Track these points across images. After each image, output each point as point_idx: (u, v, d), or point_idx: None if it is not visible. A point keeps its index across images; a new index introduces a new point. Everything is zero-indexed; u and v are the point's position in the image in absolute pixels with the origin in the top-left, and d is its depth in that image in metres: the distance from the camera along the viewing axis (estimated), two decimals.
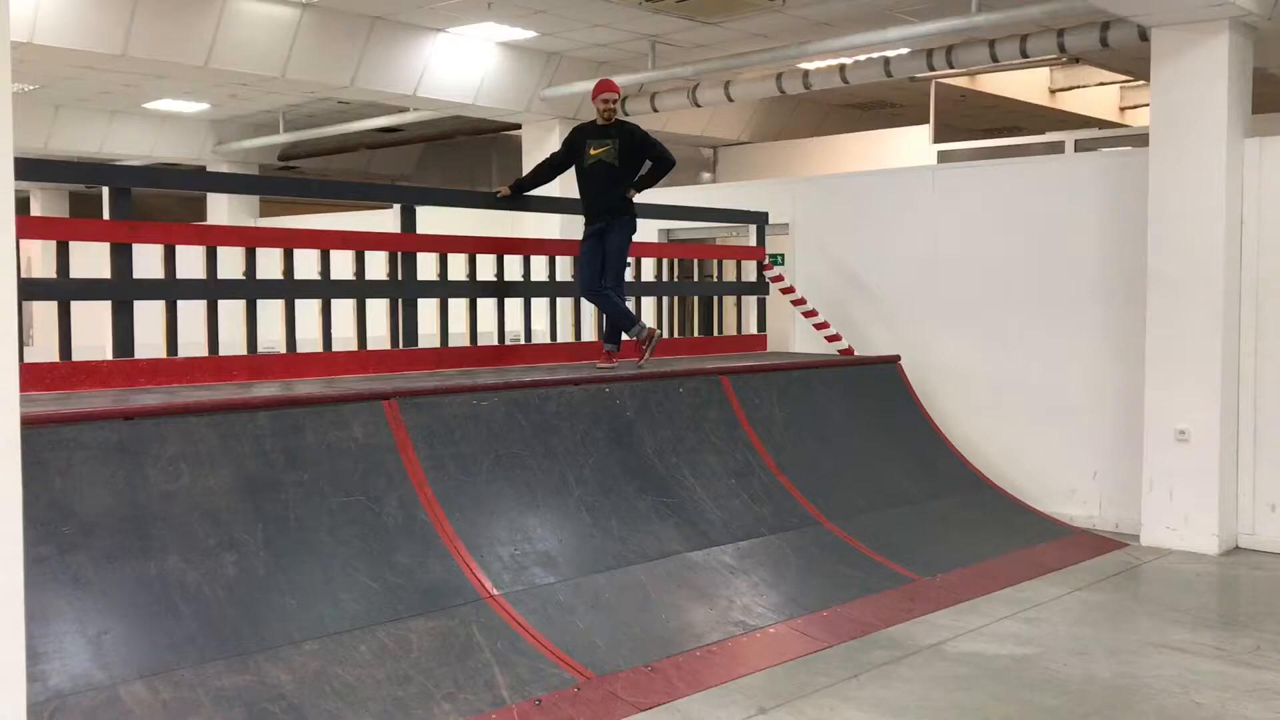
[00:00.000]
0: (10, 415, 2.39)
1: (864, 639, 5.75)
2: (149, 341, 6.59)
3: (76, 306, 6.30)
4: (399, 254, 7.63)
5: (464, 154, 17.58)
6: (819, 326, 9.63)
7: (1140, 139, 9.81)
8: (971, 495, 8.35)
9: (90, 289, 6.35)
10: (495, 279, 8.26)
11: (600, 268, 7.83)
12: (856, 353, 9.40)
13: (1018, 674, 5.31)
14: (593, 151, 7.72)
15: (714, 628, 5.62)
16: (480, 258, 8.17)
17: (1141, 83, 13.28)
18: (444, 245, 7.91)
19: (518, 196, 8.06)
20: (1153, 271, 7.90)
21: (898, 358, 9.14)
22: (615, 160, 7.70)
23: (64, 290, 6.24)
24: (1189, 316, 7.73)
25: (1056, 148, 12.13)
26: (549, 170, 7.99)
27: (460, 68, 11.32)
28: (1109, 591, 6.86)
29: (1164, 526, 7.87)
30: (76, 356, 6.23)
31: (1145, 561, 7.55)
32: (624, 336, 8.05)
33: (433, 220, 8.04)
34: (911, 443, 8.53)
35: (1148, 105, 8.76)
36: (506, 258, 8.37)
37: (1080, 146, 11.97)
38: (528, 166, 12.69)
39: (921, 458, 8.43)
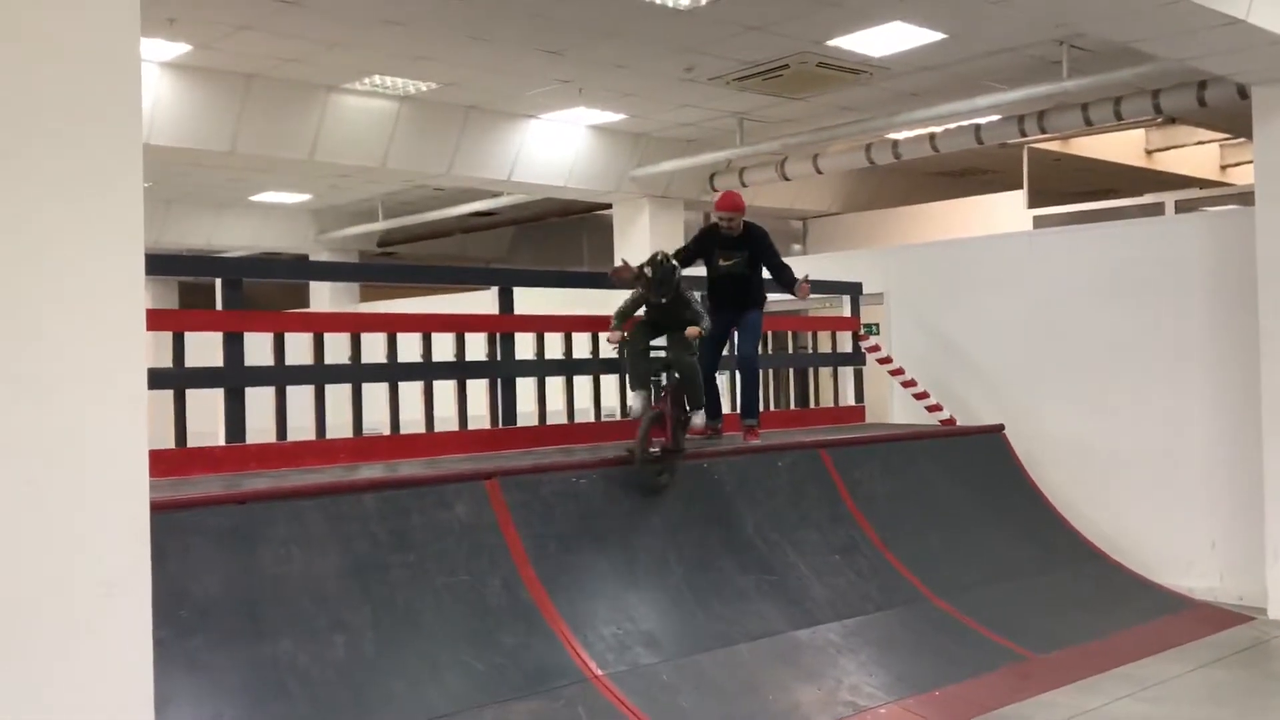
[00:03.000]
0: (141, 503, 2.48)
1: (979, 719, 5.56)
2: (257, 426, 6.77)
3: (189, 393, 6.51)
4: (498, 334, 7.76)
5: (555, 234, 17.88)
6: (919, 396, 9.50)
7: (1244, 197, 9.57)
8: (1084, 568, 8.07)
9: (205, 377, 6.57)
10: (590, 356, 8.34)
11: (718, 353, 8.00)
12: (958, 422, 9.23)
13: None
14: (723, 262, 7.86)
15: (822, 709, 5.49)
16: (575, 336, 8.27)
17: (1242, 140, 12.98)
18: (541, 325, 8.03)
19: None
20: (1266, 331, 7.65)
21: (1002, 427, 8.94)
22: (746, 270, 7.87)
23: (180, 379, 6.46)
24: None
25: (1156, 209, 11.88)
26: (683, 265, 8.12)
27: (552, 152, 11.57)
28: (1237, 668, 6.55)
29: None
30: (189, 442, 6.43)
31: (1274, 637, 7.20)
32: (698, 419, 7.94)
33: (527, 300, 8.17)
34: (1020, 514, 8.30)
35: (1250, 162, 8.54)
36: (601, 335, 8.44)
37: (1181, 207, 11.71)
38: (619, 246, 12.86)
39: (1030, 529, 8.19)
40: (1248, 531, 7.94)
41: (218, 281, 6.79)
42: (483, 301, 8.11)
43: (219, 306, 6.72)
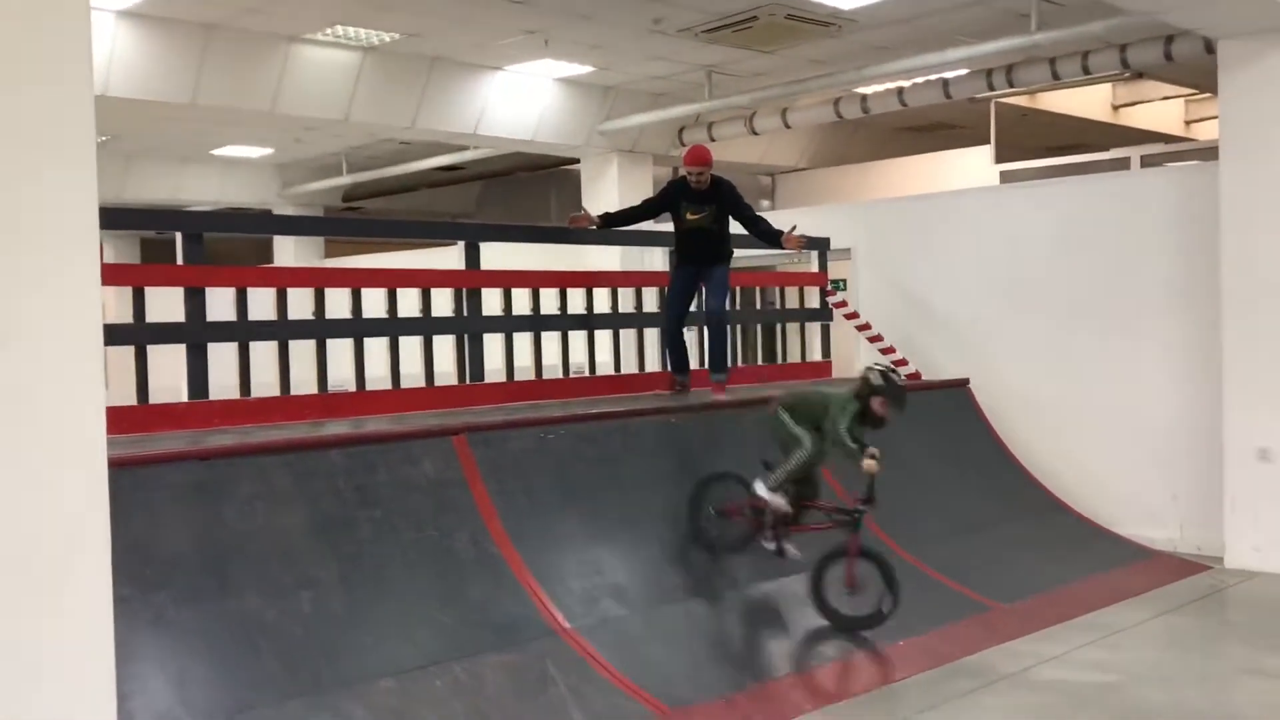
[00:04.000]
0: (98, 460, 2.45)
1: (943, 668, 5.64)
2: (222, 382, 6.71)
3: (151, 349, 6.44)
4: (464, 290, 7.70)
5: (523, 190, 17.74)
6: (885, 351, 9.54)
7: (1207, 152, 9.62)
8: (1047, 519, 8.18)
9: (166, 333, 6.49)
10: (559, 312, 8.31)
11: (685, 308, 7.98)
12: (924, 377, 9.29)
13: (1103, 702, 5.18)
14: (690, 216, 7.75)
15: (789, 659, 5.55)
16: (543, 291, 8.23)
17: (1207, 95, 13.05)
18: (508, 280, 7.98)
19: (602, 228, 8.09)
20: (1227, 287, 7.73)
21: (967, 381, 9.01)
22: (713, 225, 7.78)
23: (142, 335, 6.38)
24: (1268, 333, 7.53)
25: (1122, 164, 11.94)
26: (641, 215, 8.05)
27: (519, 105, 11.45)
28: (1194, 616, 6.67)
29: (1249, 548, 7.64)
30: (152, 399, 6.36)
31: (1231, 585, 7.34)
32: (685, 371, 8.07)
33: (495, 256, 8.12)
34: (984, 467, 8.39)
35: (1214, 118, 8.60)
36: (569, 291, 8.41)
37: (1146, 162, 11.77)
38: (587, 201, 12.74)
39: (995, 482, 8.29)
40: (1207, 484, 8.06)
41: (178, 236, 6.68)
42: (450, 258, 8.05)
43: (180, 261, 6.62)
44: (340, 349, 7.18)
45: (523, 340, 8.15)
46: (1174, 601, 6.92)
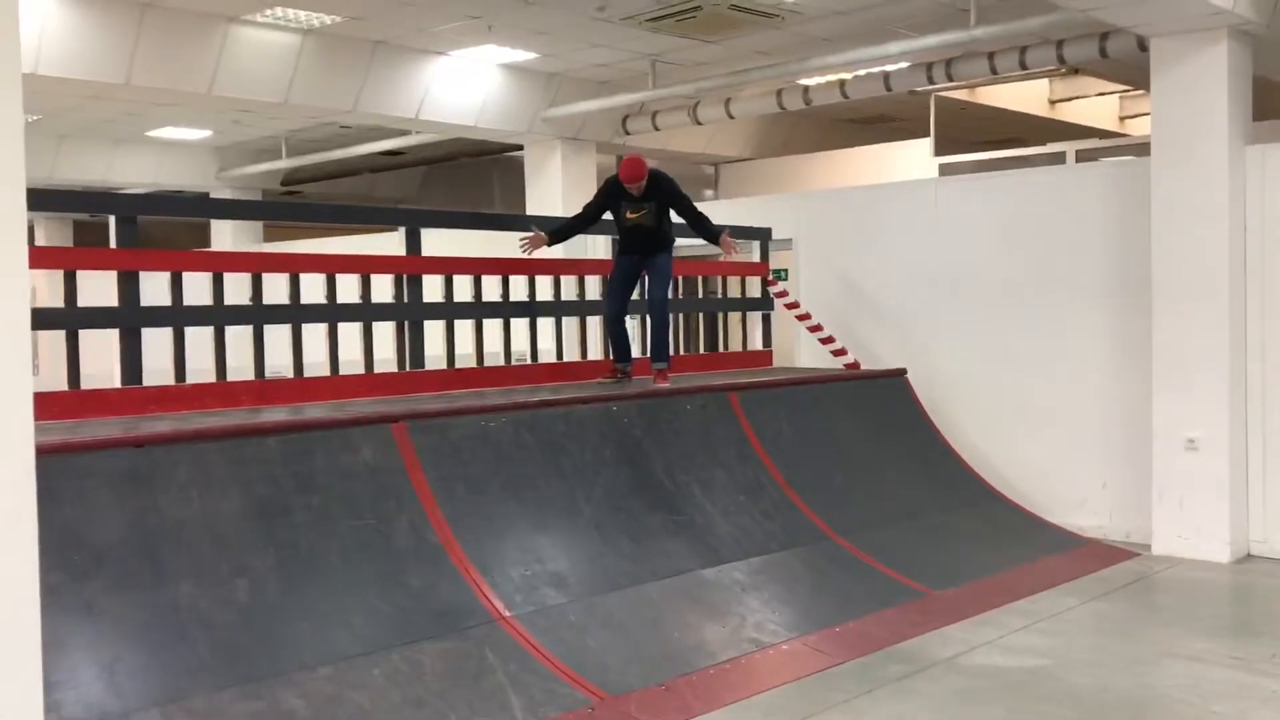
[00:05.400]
0: (25, 446, 2.41)
1: (878, 654, 5.73)
2: (157, 368, 6.61)
3: (84, 334, 6.32)
4: (404, 276, 7.65)
5: (466, 175, 17.63)
6: (824, 341, 9.63)
7: (1141, 148, 9.83)
8: (981, 507, 8.32)
9: (98, 317, 6.37)
10: (500, 299, 8.28)
11: (627, 296, 8.17)
12: (863, 366, 9.39)
13: (1034, 686, 5.29)
14: (630, 215, 7.90)
15: (727, 645, 5.60)
16: (485, 278, 8.20)
17: (1141, 92, 13.30)
18: (449, 267, 7.94)
19: (553, 243, 8.13)
20: (1158, 280, 7.90)
21: (904, 371, 9.13)
22: (652, 220, 7.91)
23: (72, 319, 6.25)
24: (1195, 324, 7.72)
25: (1058, 158, 12.15)
26: (584, 223, 8.15)
27: (462, 90, 11.36)
28: (1122, 602, 6.83)
29: (1175, 535, 7.84)
30: (84, 385, 6.24)
31: (1157, 571, 7.53)
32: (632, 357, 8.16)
33: (437, 242, 8.07)
34: (920, 456, 8.51)
35: (1148, 114, 8.78)
36: (511, 278, 8.39)
37: (1081, 157, 11.98)
38: (531, 188, 12.73)
39: (930, 470, 8.41)
40: (1136, 473, 8.25)
41: (111, 218, 6.55)
42: (391, 243, 7.99)
43: (113, 245, 6.49)
44: (278, 335, 7.10)
45: (464, 327, 8.12)
46: (1103, 588, 7.08)
